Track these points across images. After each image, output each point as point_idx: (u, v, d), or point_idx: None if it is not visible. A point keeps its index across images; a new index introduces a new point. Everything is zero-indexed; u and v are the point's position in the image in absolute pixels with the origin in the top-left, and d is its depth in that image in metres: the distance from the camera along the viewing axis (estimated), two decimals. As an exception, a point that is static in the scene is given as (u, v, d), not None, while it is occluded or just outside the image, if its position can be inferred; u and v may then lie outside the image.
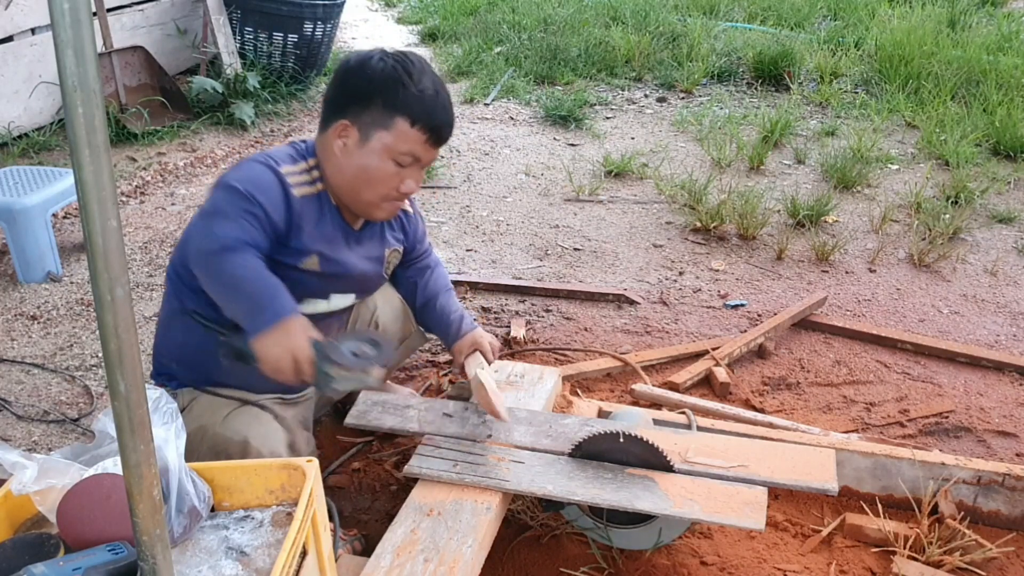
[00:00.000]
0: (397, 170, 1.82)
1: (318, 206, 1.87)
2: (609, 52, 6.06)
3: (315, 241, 1.86)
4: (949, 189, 4.13)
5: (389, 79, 1.77)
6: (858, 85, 5.76)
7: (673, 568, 1.93)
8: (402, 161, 1.81)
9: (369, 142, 1.80)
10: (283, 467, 1.41)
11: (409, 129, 1.78)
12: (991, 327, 3.09)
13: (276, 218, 1.75)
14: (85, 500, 1.26)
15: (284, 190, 1.78)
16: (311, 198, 1.85)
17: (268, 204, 1.73)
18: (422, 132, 1.79)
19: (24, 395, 2.54)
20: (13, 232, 3.04)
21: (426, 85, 1.79)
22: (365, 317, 2.20)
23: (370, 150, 1.80)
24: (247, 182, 1.74)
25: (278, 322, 1.61)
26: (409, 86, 1.77)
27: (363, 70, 1.80)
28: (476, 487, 1.80)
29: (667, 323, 3.04)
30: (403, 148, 1.79)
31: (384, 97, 1.77)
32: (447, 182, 4.22)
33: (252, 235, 1.69)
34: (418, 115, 1.77)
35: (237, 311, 1.68)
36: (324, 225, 1.88)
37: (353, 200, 1.88)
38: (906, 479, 2.10)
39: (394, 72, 1.78)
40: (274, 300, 1.64)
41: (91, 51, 0.79)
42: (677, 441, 1.94)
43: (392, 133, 1.78)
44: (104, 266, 0.86)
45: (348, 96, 1.81)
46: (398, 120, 1.77)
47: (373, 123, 1.79)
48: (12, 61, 4.13)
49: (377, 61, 1.80)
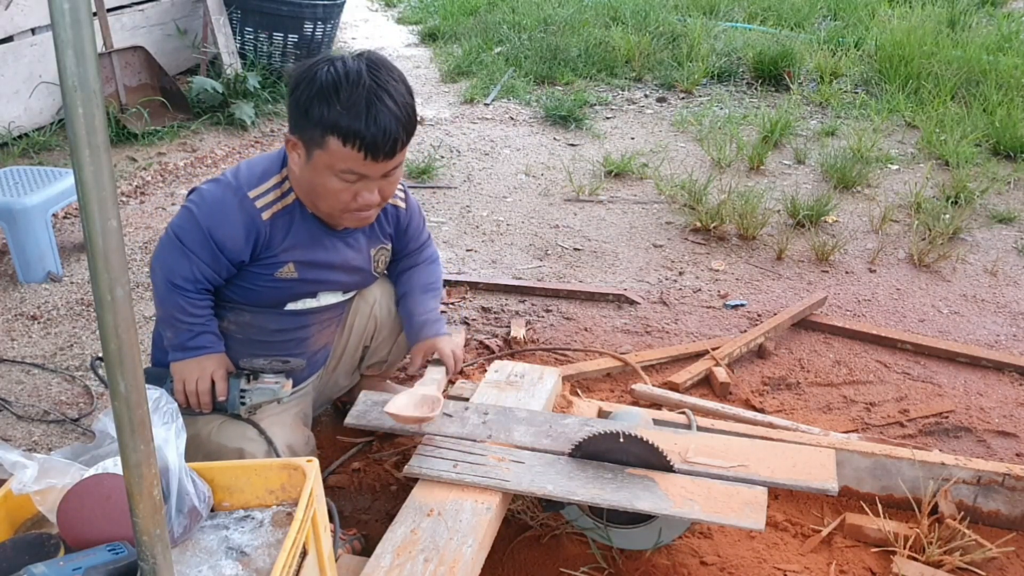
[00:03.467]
0: (346, 185, 1.76)
1: (290, 219, 1.86)
2: (609, 52, 6.06)
3: (289, 252, 1.87)
4: (949, 189, 4.13)
5: (320, 95, 1.69)
6: (858, 85, 5.76)
7: (673, 568, 1.93)
8: (346, 178, 1.75)
9: (311, 159, 1.75)
10: (283, 467, 1.41)
11: (341, 148, 1.70)
12: (991, 327, 3.09)
13: (235, 249, 1.82)
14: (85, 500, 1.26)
15: (248, 217, 1.80)
16: (282, 213, 1.85)
17: (226, 239, 1.80)
18: (357, 151, 1.70)
19: (24, 395, 2.54)
20: (13, 232, 3.04)
21: (357, 99, 1.68)
22: (364, 312, 2.20)
23: (313, 167, 1.76)
24: (209, 216, 1.80)
25: (193, 357, 1.86)
26: (335, 103, 1.67)
27: (301, 83, 1.72)
28: (476, 487, 1.80)
29: (667, 323, 3.04)
30: (341, 167, 1.73)
31: (316, 115, 1.69)
32: (447, 182, 4.22)
33: (202, 271, 1.82)
34: (347, 134, 1.68)
35: (166, 335, 1.90)
36: (299, 234, 1.88)
37: (316, 210, 1.87)
38: (906, 479, 2.10)
39: (325, 87, 1.68)
40: (196, 339, 1.86)
41: (91, 51, 0.79)
42: (677, 441, 1.94)
43: (327, 153, 1.72)
44: (104, 266, 0.86)
45: (292, 110, 1.76)
46: (329, 140, 1.70)
47: (311, 141, 1.73)
48: (12, 61, 4.13)
49: (323, 73, 1.70)
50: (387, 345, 2.26)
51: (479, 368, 2.71)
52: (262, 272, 1.88)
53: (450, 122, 5.07)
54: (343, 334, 2.20)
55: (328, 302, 2.02)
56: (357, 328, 2.20)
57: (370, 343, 2.24)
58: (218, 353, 1.89)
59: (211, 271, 1.83)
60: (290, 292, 1.93)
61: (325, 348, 2.14)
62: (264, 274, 1.88)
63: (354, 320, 2.20)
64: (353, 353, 2.24)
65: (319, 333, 2.07)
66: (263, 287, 1.90)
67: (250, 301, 1.93)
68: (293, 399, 2.06)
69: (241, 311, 1.96)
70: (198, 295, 1.85)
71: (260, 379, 1.87)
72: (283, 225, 1.86)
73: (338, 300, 2.05)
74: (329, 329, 2.10)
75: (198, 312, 1.86)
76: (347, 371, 2.28)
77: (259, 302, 1.94)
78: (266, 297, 1.93)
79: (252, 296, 1.92)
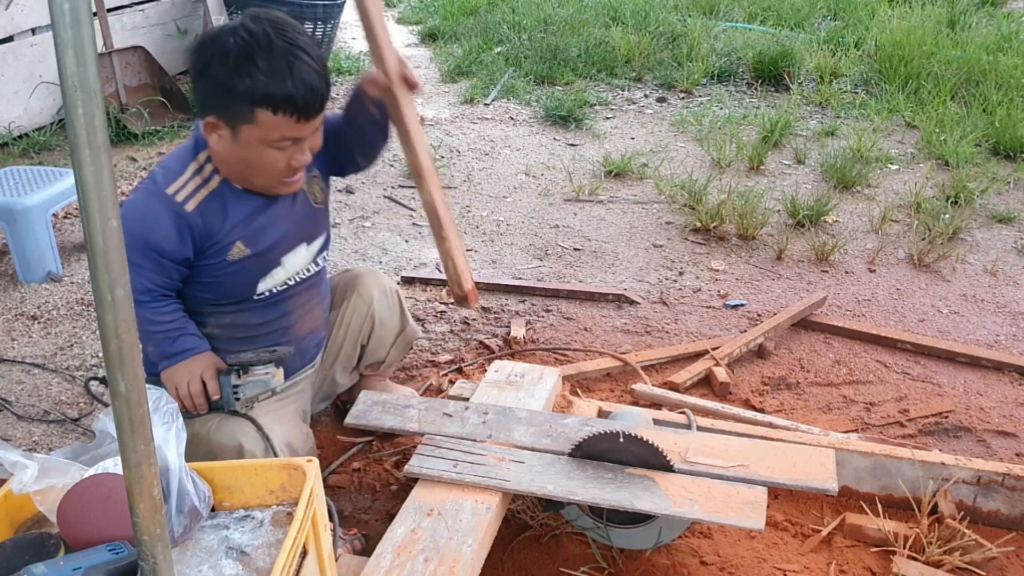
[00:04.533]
0: (281, 154, 1.74)
1: (220, 201, 1.83)
2: (609, 52, 6.06)
3: (231, 233, 1.84)
4: (949, 189, 4.12)
5: (239, 69, 1.64)
6: (858, 85, 5.76)
7: (673, 568, 1.93)
8: (281, 146, 1.73)
9: (240, 137, 1.71)
10: (283, 467, 1.41)
11: (273, 118, 1.67)
12: (991, 327, 3.09)
13: (174, 249, 1.80)
14: (85, 500, 1.26)
15: (174, 215, 1.77)
16: (209, 198, 1.81)
17: (162, 242, 1.78)
18: (288, 116, 1.67)
19: (24, 395, 2.54)
20: (13, 232, 3.04)
21: (276, 63, 1.64)
22: (361, 310, 2.19)
23: (243, 144, 1.72)
24: (138, 224, 1.76)
25: (180, 362, 1.86)
26: (257, 74, 1.63)
27: (215, 59, 1.66)
28: (476, 487, 1.80)
29: (667, 323, 3.04)
30: (275, 136, 1.70)
31: (240, 90, 1.64)
32: (447, 182, 4.21)
33: (154, 280, 1.81)
34: (277, 101, 1.65)
35: (148, 350, 1.91)
36: (236, 213, 1.84)
37: (249, 185, 1.84)
38: (906, 479, 2.10)
39: (241, 54, 1.64)
40: (175, 343, 1.86)
41: (91, 51, 0.79)
42: (677, 441, 1.94)
43: (258, 127, 1.68)
44: (104, 266, 0.86)
45: (203, 91, 1.72)
46: (259, 112, 1.66)
47: (236, 118, 1.69)
48: (12, 61, 4.13)
49: (233, 44, 1.65)
50: (386, 345, 2.26)
51: (479, 368, 2.71)
52: (214, 261, 1.85)
53: (450, 122, 5.07)
54: (339, 330, 2.19)
55: (297, 265, 1.97)
56: (354, 325, 2.20)
57: (367, 342, 2.24)
58: (203, 352, 1.88)
59: (161, 277, 1.81)
60: (253, 270, 1.90)
61: (313, 334, 2.10)
62: (217, 262, 1.85)
63: (352, 317, 2.19)
64: (351, 350, 2.24)
65: (302, 317, 2.04)
66: (223, 275, 1.87)
67: (220, 294, 1.91)
68: (290, 395, 2.05)
69: (220, 313, 1.94)
70: (159, 303, 1.84)
71: (250, 372, 1.86)
72: (216, 210, 1.82)
73: (306, 262, 1.99)
74: (313, 311, 2.07)
75: (167, 319, 1.85)
76: (345, 369, 2.27)
77: (229, 293, 1.91)
78: (232, 284, 1.89)
79: (219, 288, 1.89)
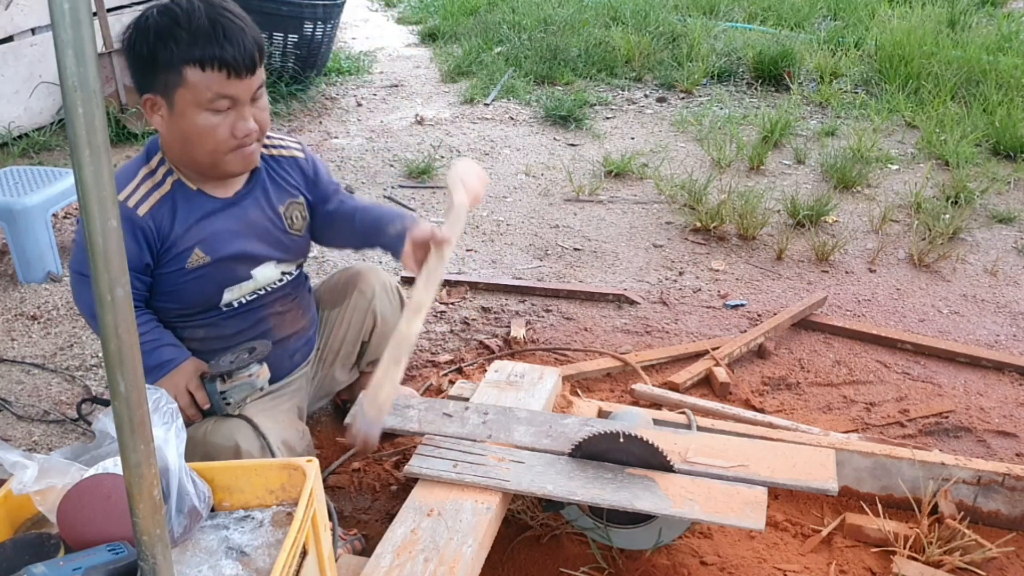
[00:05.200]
0: (220, 118, 1.72)
1: (172, 204, 1.81)
2: (609, 52, 6.06)
3: (187, 236, 1.82)
4: (949, 189, 4.12)
5: (161, 34, 1.66)
6: (858, 85, 5.76)
7: (673, 568, 1.93)
8: (218, 107, 1.70)
9: (176, 106, 1.70)
10: (283, 467, 1.41)
11: (201, 74, 1.66)
12: (991, 327, 3.09)
13: (131, 254, 1.75)
14: (85, 500, 1.26)
15: (127, 220, 1.74)
16: (161, 202, 1.80)
17: None
18: (216, 70, 1.66)
19: (24, 395, 2.54)
20: (13, 232, 3.04)
21: (198, 20, 1.66)
22: (362, 307, 2.19)
23: (180, 113, 1.70)
24: None
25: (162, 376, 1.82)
26: (181, 36, 1.65)
27: (137, 36, 1.70)
28: (476, 487, 1.80)
29: (667, 323, 3.04)
30: (208, 95, 1.68)
31: (164, 54, 1.66)
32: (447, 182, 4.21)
33: None
34: (203, 58, 1.65)
35: None
36: (188, 217, 1.82)
37: (199, 167, 1.82)
38: (906, 479, 2.10)
39: (161, 23, 1.67)
40: (153, 355, 1.82)
41: (91, 51, 0.79)
42: (677, 441, 1.94)
43: (189, 88, 1.67)
44: (104, 266, 0.86)
45: (138, 69, 1.73)
46: (186, 71, 1.66)
47: (168, 87, 1.68)
48: (12, 61, 4.13)
49: (156, 16, 1.68)
50: (387, 342, 2.26)
51: (479, 368, 2.71)
52: (173, 269, 1.84)
53: (450, 122, 5.07)
54: (339, 327, 2.19)
55: (268, 278, 1.95)
56: (355, 322, 2.20)
57: (368, 339, 2.24)
58: (183, 362, 1.85)
59: None
60: (215, 278, 1.87)
61: (298, 335, 2.08)
62: (176, 270, 1.84)
63: (352, 315, 2.19)
64: (351, 347, 2.23)
65: (280, 323, 2.02)
66: (184, 283, 1.85)
67: (185, 304, 1.89)
68: (284, 394, 2.04)
69: (192, 327, 1.93)
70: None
71: (235, 376, 1.84)
72: (166, 215, 1.80)
73: (276, 276, 1.97)
74: (290, 315, 2.04)
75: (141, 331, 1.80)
76: (345, 366, 2.27)
77: (194, 302, 1.89)
78: (195, 293, 1.87)
79: (181, 298, 1.88)
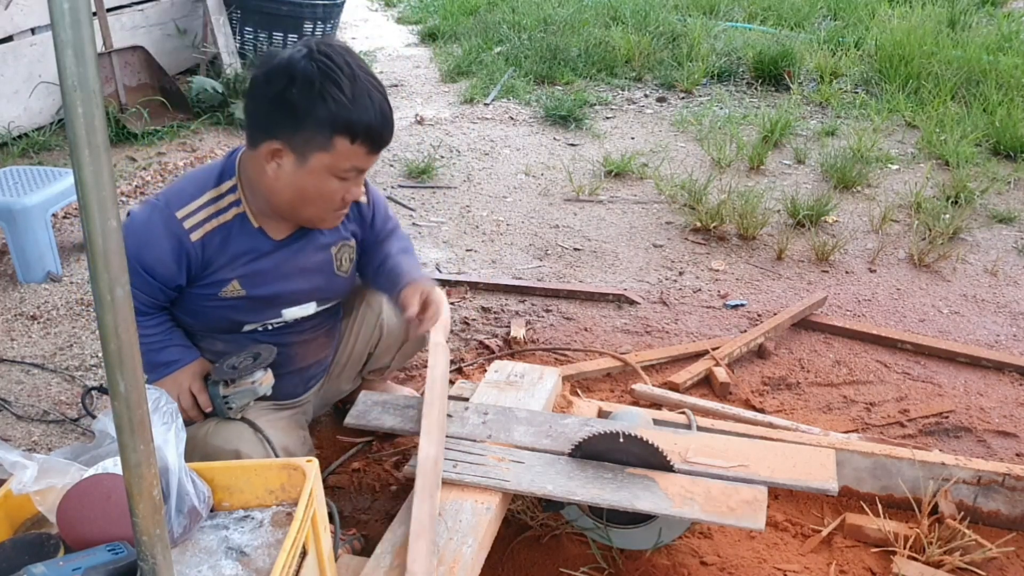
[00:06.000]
0: (340, 184, 1.73)
1: (225, 235, 1.79)
2: (609, 52, 6.06)
3: (229, 268, 1.81)
4: (949, 189, 4.12)
5: (320, 94, 1.62)
6: (858, 85, 5.76)
7: (673, 568, 1.93)
8: (346, 176, 1.72)
9: (307, 164, 1.68)
10: (283, 467, 1.41)
11: (350, 146, 1.66)
12: (991, 327, 3.09)
13: (166, 273, 1.77)
14: (85, 500, 1.26)
15: (176, 240, 1.74)
16: (217, 231, 1.78)
17: (155, 264, 1.75)
18: (363, 146, 1.68)
19: (24, 395, 2.54)
20: (13, 232, 3.04)
21: (359, 93, 1.64)
22: (370, 321, 2.18)
23: (309, 171, 1.69)
24: (134, 242, 1.72)
25: (167, 375, 1.84)
26: (341, 99, 1.62)
27: (288, 83, 1.63)
28: (476, 487, 1.80)
29: (667, 323, 3.04)
30: (346, 165, 1.69)
31: (315, 117, 1.62)
32: (447, 182, 4.21)
33: (138, 297, 1.76)
34: (358, 130, 1.65)
35: None
36: (238, 251, 1.80)
37: (293, 218, 1.81)
38: (906, 479, 2.10)
39: (322, 85, 1.62)
40: (161, 354, 1.84)
41: (91, 51, 0.79)
42: (677, 441, 1.94)
43: (332, 154, 1.67)
44: (104, 266, 0.86)
45: (275, 115, 1.67)
46: (337, 140, 1.65)
47: (308, 144, 1.66)
48: (12, 61, 4.13)
49: (301, 71, 1.62)
50: (391, 352, 2.26)
51: (479, 368, 2.71)
52: (205, 293, 1.82)
53: (450, 122, 5.07)
54: (348, 342, 2.18)
55: (297, 316, 1.94)
56: (363, 336, 2.19)
57: (374, 350, 2.23)
58: (189, 363, 1.85)
59: (146, 296, 1.78)
60: (243, 311, 1.86)
61: (319, 363, 2.09)
62: (207, 294, 1.82)
63: (360, 328, 2.18)
64: (358, 360, 2.22)
65: (303, 350, 2.01)
66: (210, 308, 1.84)
67: (204, 325, 1.89)
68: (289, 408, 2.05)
69: (213, 340, 1.92)
70: (144, 318, 1.81)
71: (238, 382, 1.84)
72: (218, 244, 1.78)
73: (310, 313, 1.97)
74: (315, 344, 2.04)
75: (151, 332, 1.83)
76: (350, 377, 2.26)
77: (214, 327, 1.89)
78: (217, 319, 1.86)
79: (203, 319, 1.87)
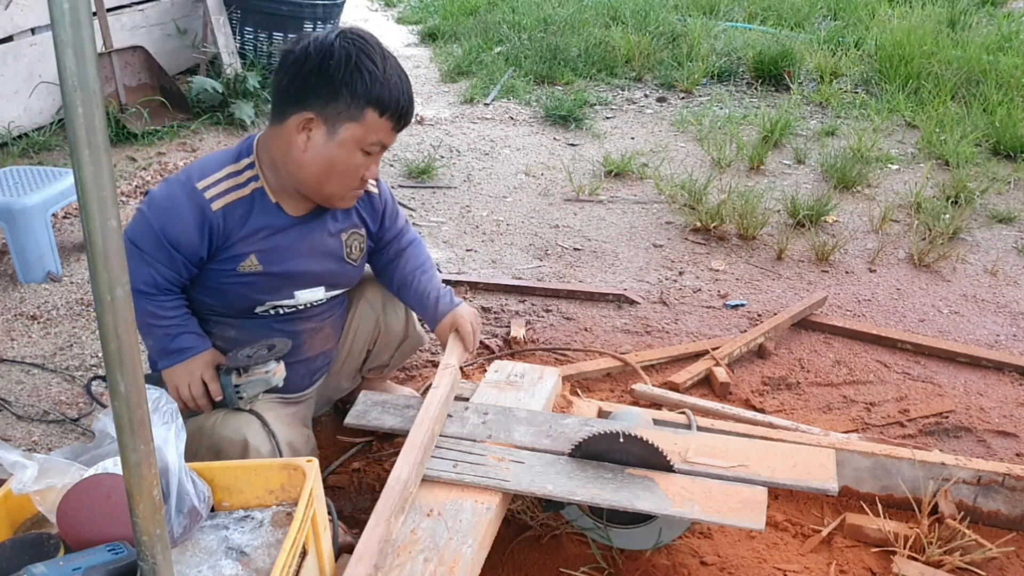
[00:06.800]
0: (364, 159, 1.81)
1: (246, 209, 1.83)
2: (609, 52, 6.06)
3: (248, 242, 1.84)
4: (949, 189, 4.13)
5: (354, 68, 1.73)
6: (858, 85, 5.76)
7: (673, 568, 1.93)
8: (371, 150, 1.80)
9: (337, 135, 1.76)
10: (283, 467, 1.41)
11: (379, 119, 1.76)
12: (991, 327, 3.09)
13: (190, 245, 1.80)
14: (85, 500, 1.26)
15: (198, 209, 1.78)
16: (236, 203, 1.82)
17: (180, 236, 1.79)
18: (390, 120, 1.78)
19: (24, 395, 2.54)
20: (13, 232, 3.04)
21: (390, 71, 1.76)
22: (370, 317, 2.18)
23: (339, 143, 1.77)
24: (160, 216, 1.78)
25: (179, 362, 1.85)
26: (376, 74, 1.73)
27: (326, 56, 1.73)
28: (476, 487, 1.80)
29: (667, 323, 3.04)
30: (373, 139, 1.78)
31: (351, 88, 1.73)
32: (447, 182, 4.21)
33: (163, 274, 1.81)
34: (388, 104, 1.75)
35: (147, 343, 1.92)
36: (257, 223, 1.85)
37: (315, 192, 1.86)
38: (906, 479, 2.10)
39: (358, 60, 1.73)
40: (175, 340, 1.85)
41: (91, 51, 0.79)
42: (677, 441, 1.94)
43: (362, 125, 1.75)
44: (104, 266, 0.86)
45: (308, 88, 1.75)
46: (368, 111, 1.74)
47: (341, 115, 1.75)
48: (12, 61, 4.12)
49: (339, 47, 1.73)
50: (390, 350, 2.26)
51: (479, 368, 2.71)
52: (224, 268, 1.85)
53: (450, 122, 5.07)
54: (347, 338, 2.18)
55: (308, 300, 1.98)
56: (362, 332, 2.19)
57: (373, 347, 2.24)
58: (203, 352, 1.87)
59: (171, 272, 1.81)
60: (259, 289, 1.89)
61: (324, 355, 2.10)
62: (226, 270, 1.85)
63: (360, 324, 2.18)
64: (357, 357, 2.23)
65: (311, 340, 2.03)
66: (229, 284, 1.87)
67: (222, 304, 1.90)
68: (294, 403, 2.05)
69: (226, 325, 1.93)
70: (165, 298, 1.83)
71: (251, 371, 1.85)
72: (237, 217, 1.82)
73: (319, 298, 2.00)
74: (322, 335, 2.06)
75: (169, 314, 1.85)
76: (350, 374, 2.27)
77: (232, 305, 1.90)
78: (236, 297, 1.89)
79: (222, 298, 1.89)
